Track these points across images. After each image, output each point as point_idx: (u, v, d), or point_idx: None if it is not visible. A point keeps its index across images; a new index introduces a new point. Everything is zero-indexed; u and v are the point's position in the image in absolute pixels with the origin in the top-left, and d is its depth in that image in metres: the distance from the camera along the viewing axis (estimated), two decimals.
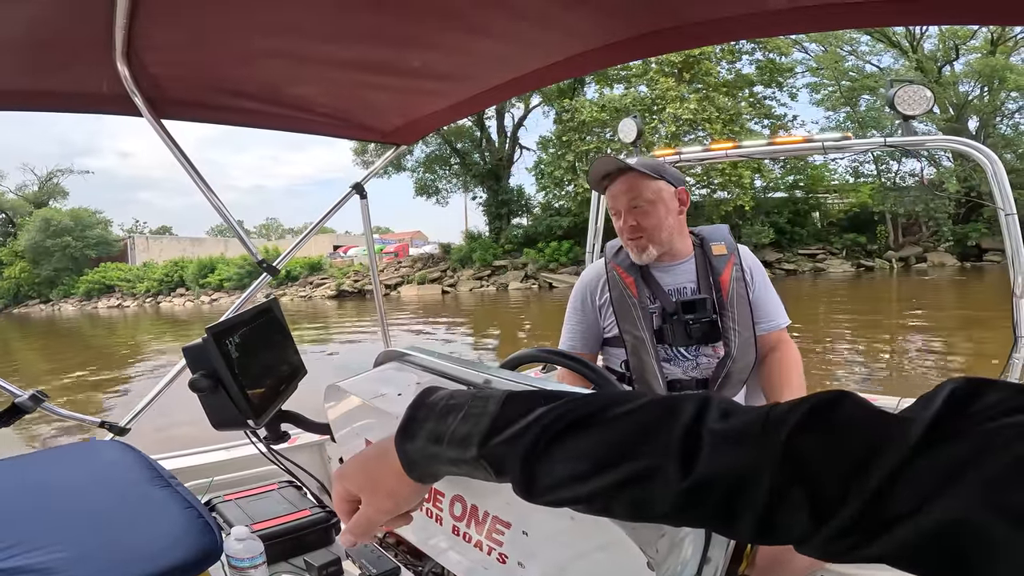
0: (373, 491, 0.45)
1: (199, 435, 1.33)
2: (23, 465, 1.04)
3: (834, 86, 20.64)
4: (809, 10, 0.83)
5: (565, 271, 19.69)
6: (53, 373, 9.95)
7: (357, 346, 10.59)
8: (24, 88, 1.09)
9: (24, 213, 32.59)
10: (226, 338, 0.95)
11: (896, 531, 0.28)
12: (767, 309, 1.41)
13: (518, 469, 0.38)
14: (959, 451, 0.27)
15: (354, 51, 1.08)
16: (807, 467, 0.31)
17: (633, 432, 0.35)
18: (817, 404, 0.32)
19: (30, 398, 1.16)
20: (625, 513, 0.36)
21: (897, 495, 0.28)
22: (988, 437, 0.27)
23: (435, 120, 1.49)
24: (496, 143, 23.33)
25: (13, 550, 0.75)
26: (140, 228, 44.27)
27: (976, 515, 0.26)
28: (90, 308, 27.81)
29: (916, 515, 0.27)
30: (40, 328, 21.34)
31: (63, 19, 0.88)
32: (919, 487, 0.28)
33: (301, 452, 1.57)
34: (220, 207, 1.37)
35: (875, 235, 20.16)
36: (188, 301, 26.04)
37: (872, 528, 0.29)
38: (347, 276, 22.64)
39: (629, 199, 1.34)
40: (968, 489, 0.26)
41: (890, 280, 17.29)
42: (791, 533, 0.32)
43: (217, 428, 0.99)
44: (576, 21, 0.97)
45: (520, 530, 0.53)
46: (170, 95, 1.19)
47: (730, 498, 0.32)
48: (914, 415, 0.30)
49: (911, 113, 1.62)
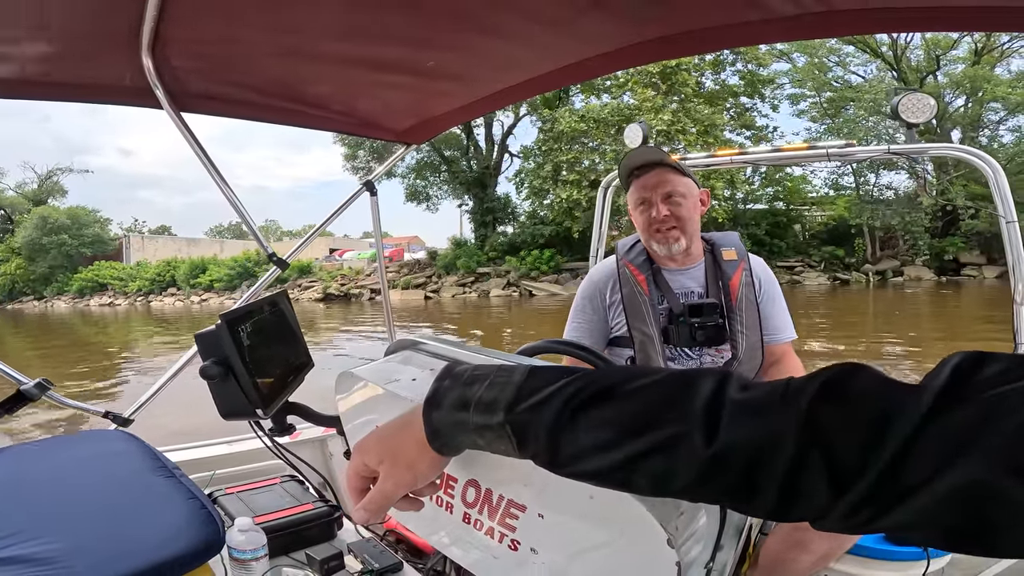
0: (393, 462, 0.45)
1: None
2: (28, 454, 1.03)
3: (815, 97, 20.96)
4: (815, 16, 0.85)
5: (546, 279, 19.85)
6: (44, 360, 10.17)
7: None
8: (50, 79, 1.10)
9: (23, 210, 32.44)
10: (239, 326, 0.95)
11: (914, 498, 0.29)
12: (773, 321, 1.41)
13: (543, 437, 0.38)
14: (968, 417, 0.28)
15: (369, 50, 1.09)
16: (826, 435, 0.31)
17: (656, 402, 0.36)
18: (834, 375, 0.33)
19: (35, 386, 1.15)
20: (647, 485, 0.36)
21: (913, 462, 0.29)
22: (994, 403, 0.28)
23: (447, 120, 1.51)
24: (484, 151, 23.52)
25: (11, 539, 0.74)
26: (139, 227, 44.05)
27: (990, 477, 0.27)
28: (82, 305, 27.71)
29: (932, 481, 0.28)
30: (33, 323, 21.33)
31: (93, 12, 0.89)
32: (933, 453, 0.28)
33: (304, 447, 1.57)
34: (236, 202, 1.38)
35: (853, 248, 20.40)
36: (178, 301, 26.04)
37: (891, 495, 0.29)
38: (335, 280, 22.75)
39: (664, 190, 1.34)
40: (979, 453, 0.27)
41: (865, 293, 17.45)
42: (811, 503, 0.32)
43: (225, 417, 0.99)
44: (588, 25, 0.99)
45: (536, 513, 0.53)
46: (190, 88, 1.20)
47: (751, 467, 0.33)
48: (924, 385, 0.31)
49: (915, 121, 1.64)
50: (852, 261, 20.15)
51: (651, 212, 1.35)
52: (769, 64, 20.81)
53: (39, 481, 0.94)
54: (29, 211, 31.36)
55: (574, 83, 1.43)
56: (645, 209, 1.37)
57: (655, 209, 1.35)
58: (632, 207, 1.42)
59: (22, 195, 34.22)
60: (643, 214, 1.38)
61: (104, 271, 28.99)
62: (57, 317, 23.38)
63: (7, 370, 1.18)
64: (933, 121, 19.42)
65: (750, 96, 20.93)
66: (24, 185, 34.89)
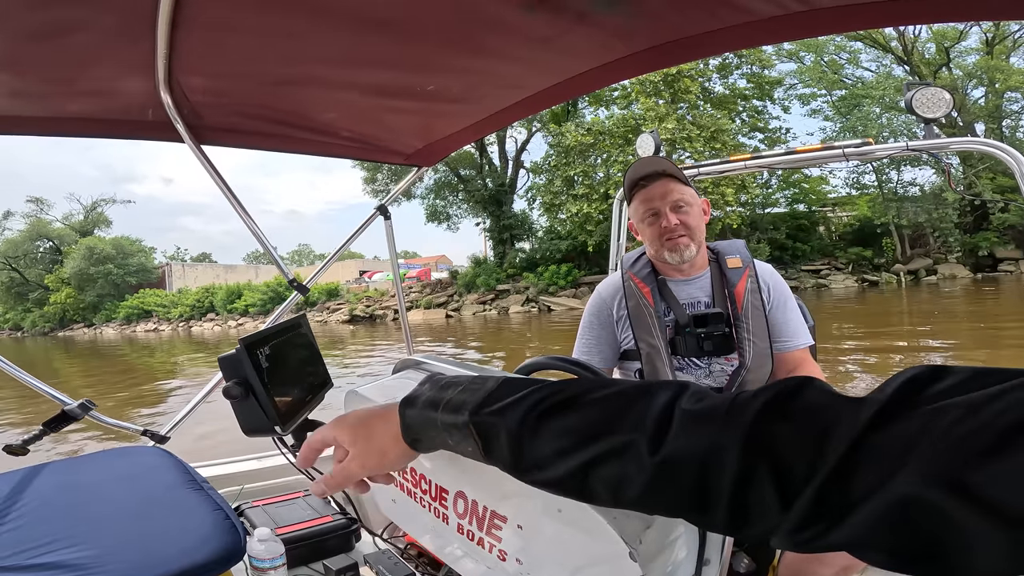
0: (366, 445, 0.49)
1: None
2: (70, 467, 1.11)
3: (827, 96, 20.45)
4: (797, 16, 0.85)
5: (564, 294, 19.80)
6: (91, 386, 10.96)
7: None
8: (76, 115, 1.18)
9: (70, 241, 34.52)
10: (258, 349, 1.01)
11: (856, 514, 0.28)
12: (784, 328, 1.38)
13: (506, 441, 0.40)
14: (906, 430, 0.28)
15: (372, 77, 1.14)
16: (770, 450, 0.31)
17: (614, 411, 0.37)
18: (781, 389, 0.34)
19: (79, 406, 1.24)
20: (604, 493, 0.37)
21: (853, 476, 0.28)
22: (932, 416, 0.27)
23: (454, 142, 1.56)
24: (498, 168, 23.78)
25: (52, 546, 0.81)
26: (181, 255, 46.23)
27: (925, 493, 0.26)
28: (129, 332, 29.29)
29: (871, 497, 0.27)
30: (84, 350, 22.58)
31: (111, 51, 0.96)
32: (872, 468, 0.28)
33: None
34: (256, 230, 1.45)
35: (881, 248, 19.63)
36: (216, 325, 27.23)
37: (834, 511, 0.29)
38: (360, 301, 23.38)
39: (672, 199, 1.35)
40: (913, 467, 0.26)
41: (898, 294, 16.60)
42: (763, 519, 0.32)
43: (247, 434, 1.04)
44: (577, 41, 1.01)
45: (516, 524, 0.53)
46: (208, 121, 1.27)
47: (698, 479, 0.33)
48: (868, 398, 0.30)
49: (931, 116, 1.60)
50: (881, 262, 19.40)
51: (661, 222, 1.35)
52: (773, 65, 20.53)
53: (79, 492, 1.01)
54: (76, 242, 33.37)
55: (575, 97, 1.44)
56: (654, 220, 1.37)
57: (665, 219, 1.34)
58: (639, 220, 1.41)
59: (69, 226, 36.45)
60: (651, 225, 1.37)
61: (148, 299, 30.58)
62: (107, 343, 24.74)
63: (52, 392, 1.27)
64: (954, 112, 18.74)
65: (760, 99, 20.62)
66: (70, 216, 37.32)
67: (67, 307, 32.22)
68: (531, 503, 0.51)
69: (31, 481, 1.02)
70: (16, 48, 0.91)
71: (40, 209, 36.03)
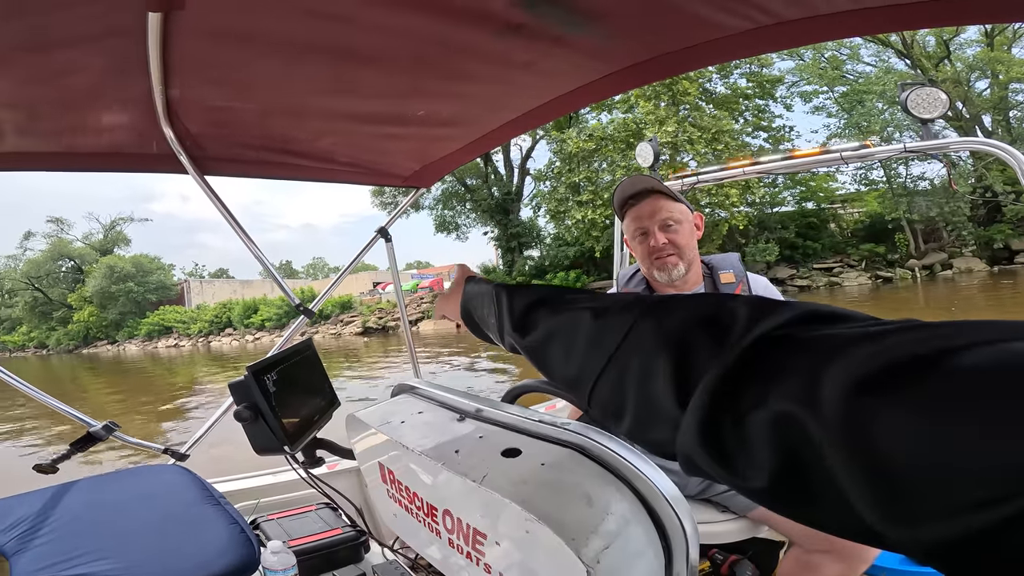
0: (445, 298, 0.72)
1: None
2: (97, 485, 1.18)
3: (829, 93, 20.11)
4: (768, 30, 0.88)
5: None
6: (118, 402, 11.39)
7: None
8: (85, 151, 1.24)
9: (91, 260, 35.36)
10: (265, 374, 1.06)
11: (746, 423, 0.28)
12: None
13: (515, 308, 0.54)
14: (787, 354, 0.29)
15: (364, 106, 1.19)
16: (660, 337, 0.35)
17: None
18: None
19: (103, 428, 1.31)
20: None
21: (734, 388, 0.29)
22: (811, 344, 0.28)
23: (449, 163, 1.61)
24: (504, 177, 23.84)
25: (83, 559, 0.87)
26: (199, 271, 46.94)
27: (796, 410, 0.26)
28: (151, 348, 29.87)
29: (757, 409, 0.28)
30: (108, 366, 23.15)
31: (110, 90, 1.01)
32: (751, 384, 0.29)
33: (339, 477, 1.66)
34: (260, 255, 1.52)
35: (894, 244, 19.15)
36: (234, 340, 27.62)
37: (726, 417, 0.29)
38: (373, 313, 23.52)
39: (661, 218, 1.35)
40: (789, 387, 0.27)
41: (915, 289, 16.21)
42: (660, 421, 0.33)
43: (258, 453, 1.10)
44: (556, 64, 1.05)
45: (494, 540, 0.55)
46: (210, 152, 1.33)
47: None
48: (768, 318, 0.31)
49: (926, 116, 1.58)
50: (895, 257, 18.91)
51: (649, 242, 1.37)
52: (772, 64, 20.27)
53: (106, 509, 1.07)
54: (97, 261, 34.18)
55: (563, 115, 1.47)
56: (643, 239, 1.38)
57: (653, 238, 1.36)
58: (630, 237, 1.43)
59: (89, 245, 37.23)
60: (641, 244, 1.39)
61: (168, 315, 31.18)
62: (129, 359, 25.32)
63: (78, 415, 1.35)
64: (960, 105, 18.28)
65: (761, 97, 20.36)
66: (90, 235, 38.11)
67: (90, 325, 32.97)
68: (503, 519, 0.53)
69: (61, 498, 1.09)
70: (21, 89, 0.96)
71: (60, 229, 37.04)
